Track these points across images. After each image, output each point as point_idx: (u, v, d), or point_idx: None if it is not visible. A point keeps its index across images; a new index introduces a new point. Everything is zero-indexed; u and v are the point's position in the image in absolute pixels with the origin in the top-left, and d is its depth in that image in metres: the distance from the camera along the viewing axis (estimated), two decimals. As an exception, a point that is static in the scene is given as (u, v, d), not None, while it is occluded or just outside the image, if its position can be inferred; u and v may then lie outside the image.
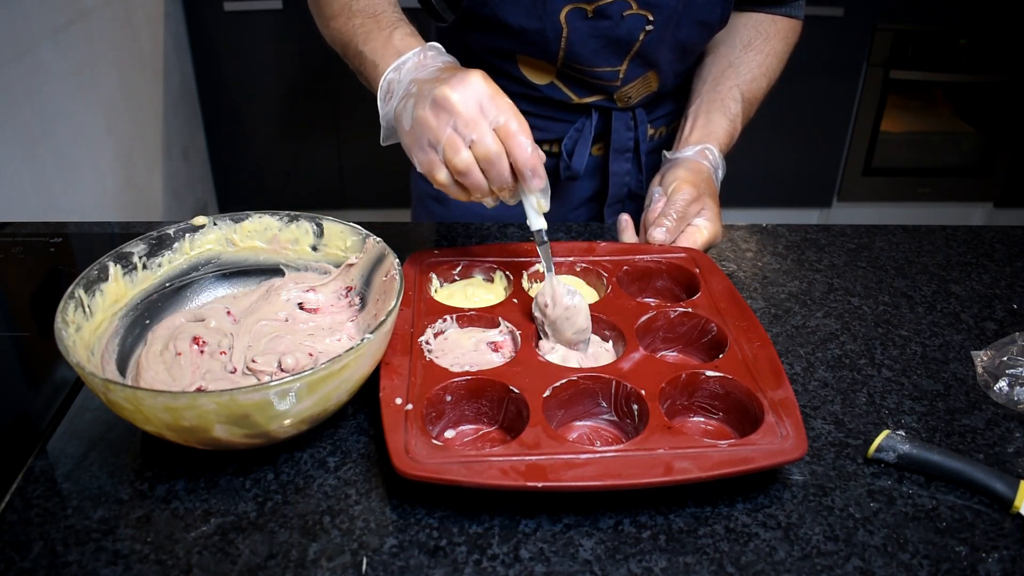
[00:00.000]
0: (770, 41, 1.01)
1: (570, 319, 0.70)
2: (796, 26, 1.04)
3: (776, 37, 1.01)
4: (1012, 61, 2.48)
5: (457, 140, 0.67)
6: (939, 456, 0.62)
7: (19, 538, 0.56)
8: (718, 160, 0.94)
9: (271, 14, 2.28)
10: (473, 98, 0.67)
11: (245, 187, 2.59)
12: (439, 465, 0.56)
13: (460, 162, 0.67)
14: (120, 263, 0.70)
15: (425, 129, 0.68)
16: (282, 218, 0.77)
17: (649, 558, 0.55)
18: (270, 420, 0.57)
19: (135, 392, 0.54)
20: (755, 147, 1.17)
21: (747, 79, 0.99)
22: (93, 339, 0.65)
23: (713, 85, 0.99)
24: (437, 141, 0.68)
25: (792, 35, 1.04)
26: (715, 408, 0.67)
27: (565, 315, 0.70)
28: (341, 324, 0.73)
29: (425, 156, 0.70)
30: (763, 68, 1.00)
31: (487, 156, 0.67)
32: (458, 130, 0.67)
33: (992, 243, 0.98)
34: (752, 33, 1.01)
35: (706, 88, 0.99)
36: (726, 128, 0.96)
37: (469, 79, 0.67)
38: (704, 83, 1.00)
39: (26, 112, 1.44)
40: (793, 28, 1.03)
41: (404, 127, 0.72)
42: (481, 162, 0.67)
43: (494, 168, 0.67)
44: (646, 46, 0.94)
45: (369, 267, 0.74)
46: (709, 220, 0.86)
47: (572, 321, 0.70)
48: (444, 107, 0.67)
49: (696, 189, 0.87)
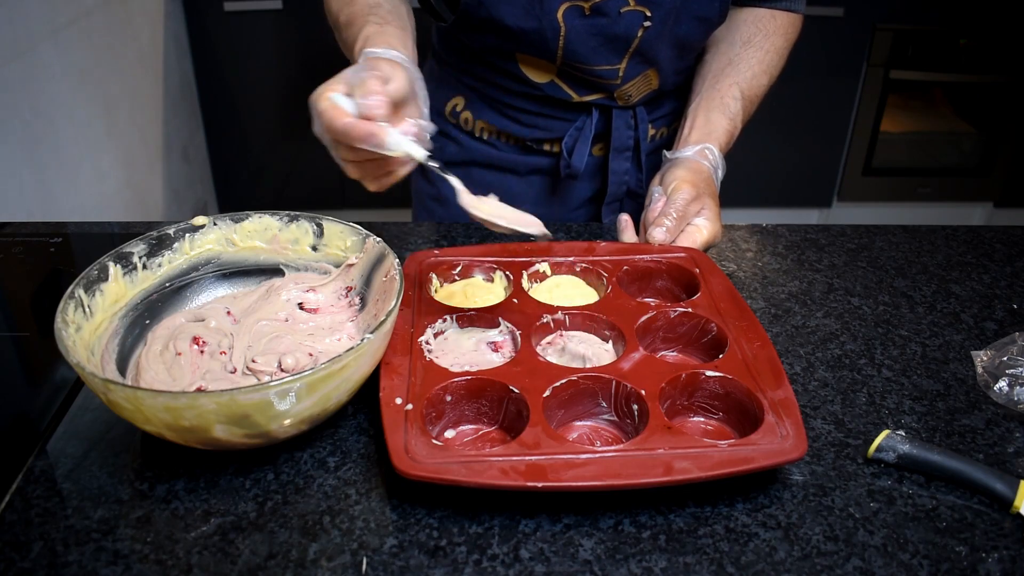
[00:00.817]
0: (770, 37, 1.01)
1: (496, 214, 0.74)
2: (796, 21, 1.03)
3: (776, 33, 1.01)
4: (1012, 61, 2.48)
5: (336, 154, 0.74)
6: (939, 456, 0.62)
7: (19, 538, 0.56)
8: (718, 160, 0.94)
9: (271, 14, 2.28)
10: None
11: (245, 187, 2.59)
12: (439, 465, 0.56)
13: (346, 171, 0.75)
14: (120, 263, 0.70)
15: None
16: (282, 218, 0.77)
17: (649, 558, 0.55)
18: (270, 420, 0.57)
19: (135, 392, 0.54)
20: (755, 147, 1.17)
21: (747, 76, 0.99)
22: (93, 339, 0.65)
23: (713, 83, 0.99)
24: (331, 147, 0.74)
25: (792, 30, 1.03)
26: (715, 408, 0.67)
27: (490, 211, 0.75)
28: (341, 324, 0.73)
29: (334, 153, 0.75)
30: (763, 65, 1.00)
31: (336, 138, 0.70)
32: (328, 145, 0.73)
33: (992, 243, 0.98)
34: (752, 30, 1.01)
35: (706, 86, 0.99)
36: (726, 127, 0.96)
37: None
38: (704, 81, 1.00)
39: (26, 112, 1.44)
40: (793, 23, 1.03)
41: None
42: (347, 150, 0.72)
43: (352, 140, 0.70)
44: (645, 43, 0.94)
45: (369, 267, 0.74)
46: (709, 220, 0.86)
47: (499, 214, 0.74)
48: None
49: (696, 189, 0.87)
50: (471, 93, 1.05)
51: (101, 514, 0.58)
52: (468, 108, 1.06)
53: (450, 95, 1.07)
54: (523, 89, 1.00)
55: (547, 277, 0.81)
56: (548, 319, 0.73)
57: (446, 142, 1.10)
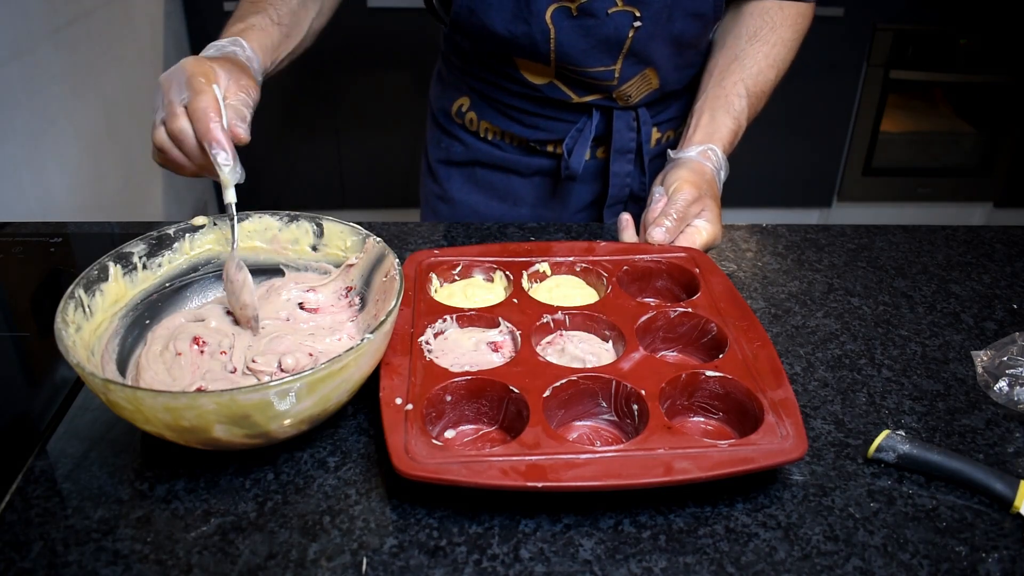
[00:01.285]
0: (777, 30, 0.98)
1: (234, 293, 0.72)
2: (806, 10, 1.00)
3: (784, 25, 0.98)
4: (1012, 61, 2.48)
5: (156, 121, 0.74)
6: (939, 456, 0.62)
7: (19, 538, 0.56)
8: (721, 161, 0.92)
9: (271, 14, 2.28)
10: (171, 80, 0.73)
11: (244, 187, 2.58)
12: (439, 465, 0.56)
13: (156, 139, 0.75)
14: (120, 263, 0.70)
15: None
16: (282, 218, 0.77)
17: (649, 558, 0.55)
18: (270, 420, 0.57)
19: (135, 392, 0.54)
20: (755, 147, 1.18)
21: (753, 72, 0.96)
22: (93, 339, 0.65)
23: (719, 80, 0.96)
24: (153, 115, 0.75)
25: (802, 20, 1.00)
26: (715, 408, 0.67)
27: (231, 289, 0.72)
28: (341, 324, 0.73)
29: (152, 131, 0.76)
30: (770, 59, 0.97)
31: (174, 132, 0.72)
32: (156, 109, 0.74)
33: (992, 243, 0.98)
34: (758, 23, 0.98)
35: (711, 84, 0.97)
36: (730, 127, 0.94)
37: (178, 64, 0.74)
38: (711, 78, 0.98)
39: (26, 112, 1.44)
40: (803, 13, 0.99)
41: None
42: (174, 138, 0.73)
43: (184, 144, 0.73)
44: (637, 43, 0.93)
45: (369, 267, 0.74)
46: (709, 221, 0.85)
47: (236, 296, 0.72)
48: (159, 85, 0.74)
49: (697, 190, 0.86)
50: (475, 94, 1.05)
51: (101, 514, 0.58)
52: (473, 109, 1.06)
53: (456, 95, 1.08)
54: (523, 91, 1.00)
55: (547, 277, 0.81)
56: (548, 319, 0.73)
57: (452, 142, 1.10)
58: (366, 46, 2.30)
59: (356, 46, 2.33)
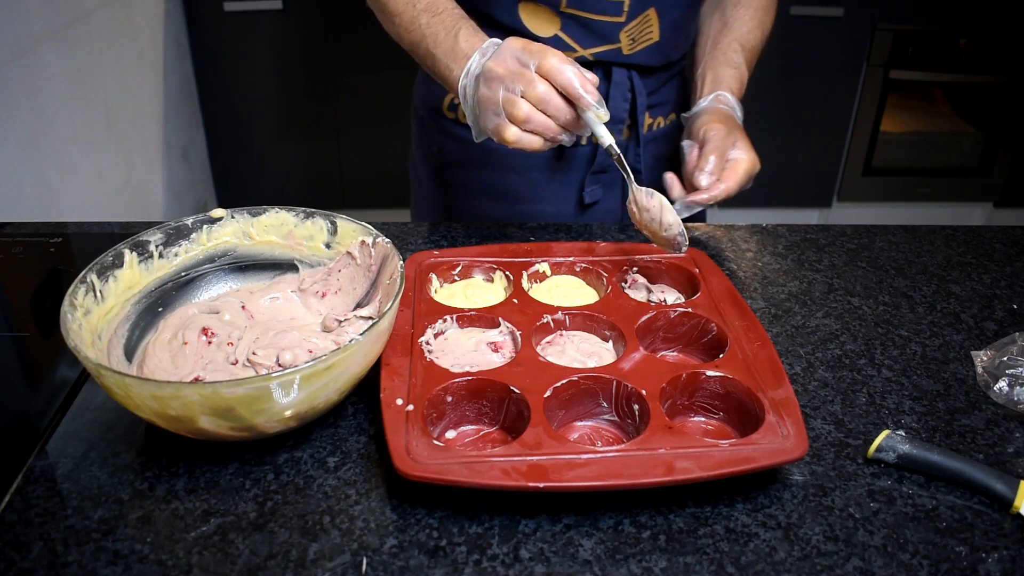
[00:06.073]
0: None
1: (654, 219, 0.78)
2: None
3: None
4: (1012, 61, 2.48)
5: (511, 96, 0.75)
6: (939, 456, 0.62)
7: (19, 538, 0.56)
8: (733, 103, 0.98)
9: (271, 14, 2.28)
10: (508, 57, 0.76)
11: (245, 187, 2.59)
12: (440, 466, 0.56)
13: (520, 112, 0.75)
14: (136, 251, 0.71)
15: (486, 103, 0.77)
16: (298, 214, 0.77)
17: (649, 558, 0.55)
18: (254, 415, 0.57)
19: (123, 378, 0.55)
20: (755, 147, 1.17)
21: (743, 32, 1.05)
22: (102, 323, 0.66)
23: (714, 45, 1.04)
24: (497, 106, 0.76)
25: None
26: (715, 408, 0.67)
27: (649, 216, 0.78)
28: (348, 323, 0.73)
29: (494, 124, 0.77)
30: (755, 21, 1.06)
31: (538, 97, 0.74)
32: (509, 89, 0.75)
33: (992, 243, 0.98)
34: None
35: (708, 51, 1.05)
36: (734, 75, 1.01)
37: (501, 45, 0.77)
38: (705, 47, 1.05)
39: (26, 112, 1.44)
40: None
41: (478, 116, 0.80)
42: (537, 105, 0.75)
43: (550, 104, 0.75)
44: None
45: (377, 267, 0.74)
46: (744, 151, 0.90)
47: (656, 220, 0.77)
48: (491, 77, 0.76)
49: (724, 125, 0.92)
50: None
51: (101, 514, 0.58)
52: None
53: (445, 89, 1.07)
54: None
55: (547, 277, 0.82)
56: (548, 319, 0.73)
57: (445, 140, 1.10)
58: (366, 46, 2.30)
59: (356, 46, 2.33)
